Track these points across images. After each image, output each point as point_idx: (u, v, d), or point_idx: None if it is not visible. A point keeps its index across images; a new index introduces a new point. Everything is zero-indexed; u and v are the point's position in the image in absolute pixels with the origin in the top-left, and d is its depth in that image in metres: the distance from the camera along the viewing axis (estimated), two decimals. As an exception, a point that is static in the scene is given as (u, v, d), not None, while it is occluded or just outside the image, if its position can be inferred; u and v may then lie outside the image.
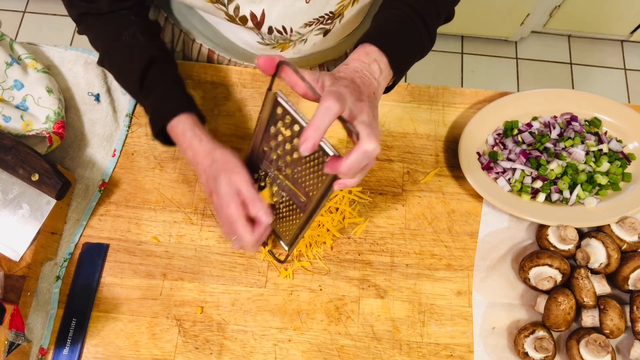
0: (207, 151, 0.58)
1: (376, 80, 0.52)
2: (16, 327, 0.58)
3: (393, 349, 0.63)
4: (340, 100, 0.44)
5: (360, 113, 0.47)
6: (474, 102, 0.77)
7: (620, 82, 1.84)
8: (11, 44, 0.71)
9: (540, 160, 0.69)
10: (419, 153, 0.73)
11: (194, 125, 0.60)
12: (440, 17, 0.60)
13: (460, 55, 1.85)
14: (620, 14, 1.70)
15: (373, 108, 0.49)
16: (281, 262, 0.65)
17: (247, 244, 0.55)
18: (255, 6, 0.63)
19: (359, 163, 0.45)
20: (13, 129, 0.66)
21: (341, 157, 0.45)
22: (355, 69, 0.51)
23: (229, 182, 0.55)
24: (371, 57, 0.53)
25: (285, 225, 0.60)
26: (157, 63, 0.64)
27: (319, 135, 0.43)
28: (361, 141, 0.44)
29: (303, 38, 0.70)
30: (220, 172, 0.56)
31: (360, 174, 0.48)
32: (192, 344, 0.62)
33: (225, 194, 0.55)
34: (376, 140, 0.45)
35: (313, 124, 0.43)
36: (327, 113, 0.43)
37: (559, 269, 0.62)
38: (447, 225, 0.69)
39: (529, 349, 0.60)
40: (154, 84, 0.63)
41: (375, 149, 0.45)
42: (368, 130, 0.45)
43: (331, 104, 0.43)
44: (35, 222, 0.62)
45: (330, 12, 0.66)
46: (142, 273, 0.65)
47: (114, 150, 0.71)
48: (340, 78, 0.49)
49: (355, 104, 0.47)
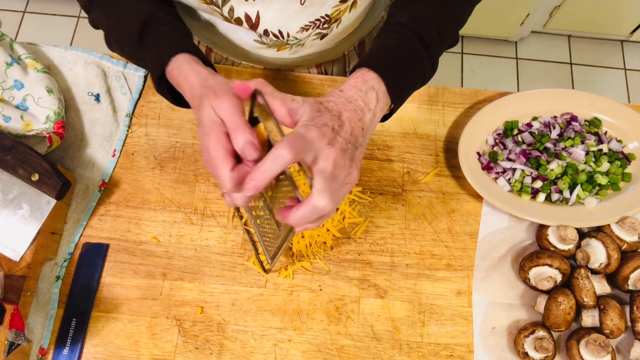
0: (202, 80, 0.50)
1: (371, 111, 0.49)
2: (16, 327, 0.58)
3: (393, 349, 0.63)
4: (296, 148, 0.41)
5: (325, 160, 0.44)
6: (474, 102, 0.77)
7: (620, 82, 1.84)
8: (11, 44, 0.71)
9: (540, 160, 0.69)
10: (419, 153, 0.73)
11: (190, 60, 0.53)
12: (444, 42, 0.57)
13: (460, 55, 1.85)
14: (620, 14, 1.70)
15: (346, 152, 0.46)
16: (266, 272, 0.65)
17: (226, 184, 0.46)
18: (249, 7, 0.62)
19: (308, 217, 0.43)
20: (13, 129, 0.66)
21: (296, 205, 0.43)
22: (349, 99, 0.48)
23: (211, 109, 0.46)
24: (369, 85, 0.50)
25: (269, 238, 0.59)
26: (154, 20, 0.59)
27: (264, 180, 0.41)
28: (312, 195, 0.42)
29: (300, 43, 0.70)
30: (203, 98, 0.47)
31: (318, 222, 0.46)
32: (192, 344, 0.62)
33: (205, 121, 0.46)
34: (328, 197, 0.42)
35: (259, 168, 0.41)
36: (276, 161, 0.41)
37: (559, 269, 0.62)
38: (447, 225, 0.69)
39: (529, 349, 0.60)
40: (151, 40, 0.58)
41: (326, 207, 0.42)
42: (323, 185, 0.43)
43: (282, 153, 0.41)
44: (35, 222, 0.62)
45: (326, 15, 0.65)
46: (142, 273, 0.65)
47: (114, 150, 0.71)
48: (325, 111, 0.46)
49: (323, 149, 0.44)
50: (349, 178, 0.46)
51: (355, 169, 0.47)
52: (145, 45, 0.58)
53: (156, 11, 0.60)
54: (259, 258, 0.65)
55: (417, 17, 0.54)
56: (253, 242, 0.66)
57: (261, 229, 0.61)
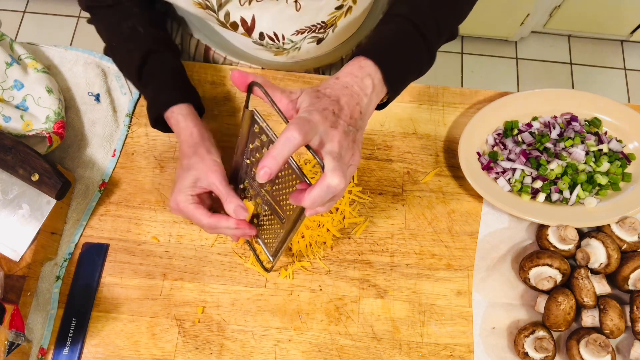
0: (193, 148, 0.60)
1: (367, 96, 0.50)
2: (16, 327, 0.58)
3: (393, 349, 0.63)
4: (304, 130, 0.42)
5: (331, 142, 0.45)
6: (474, 102, 0.77)
7: (620, 82, 1.84)
8: (11, 44, 0.71)
9: (540, 160, 0.69)
10: (419, 153, 0.73)
11: (187, 115, 0.61)
12: (442, 36, 0.57)
13: (460, 55, 1.85)
14: (620, 14, 1.70)
15: (349, 134, 0.47)
16: (267, 270, 0.65)
17: (234, 233, 0.58)
18: (245, 11, 0.63)
19: (323, 197, 0.43)
20: (13, 129, 0.66)
21: (307, 188, 0.44)
22: (345, 85, 0.49)
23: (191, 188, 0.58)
24: (365, 72, 0.50)
25: (270, 236, 0.60)
26: (156, 54, 0.64)
27: (276, 165, 0.42)
28: (325, 175, 0.43)
29: (296, 46, 0.70)
30: (191, 170, 0.58)
31: (329, 204, 0.47)
32: (192, 344, 0.62)
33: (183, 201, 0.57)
34: (341, 175, 0.43)
35: (271, 153, 0.42)
36: (287, 144, 0.42)
37: (559, 269, 0.62)
38: (447, 225, 0.69)
39: (529, 349, 0.60)
40: (151, 76, 0.64)
41: (339, 184, 0.43)
42: (334, 163, 0.43)
43: (292, 135, 0.41)
44: (35, 222, 0.62)
45: (322, 22, 0.65)
46: (142, 273, 0.65)
47: (114, 150, 0.71)
48: (324, 97, 0.47)
49: (328, 132, 0.45)
50: (353, 159, 0.47)
51: (357, 150, 0.48)
52: (144, 84, 0.64)
53: (156, 44, 0.65)
54: (259, 258, 0.65)
55: (417, 9, 0.54)
56: (249, 243, 0.66)
57: (260, 226, 0.61)
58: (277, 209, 0.54)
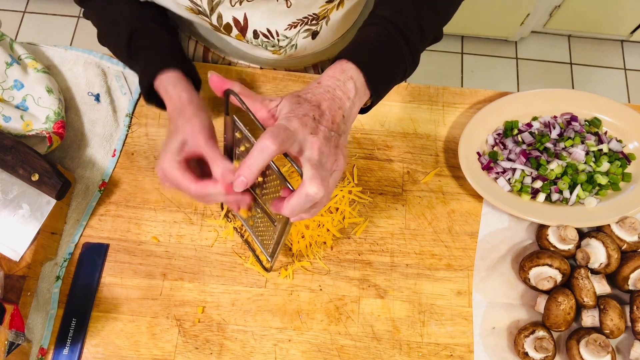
0: (180, 109, 0.55)
1: (350, 100, 0.49)
2: (16, 327, 0.58)
3: (393, 349, 0.63)
4: (280, 138, 0.41)
5: (310, 149, 0.44)
6: (474, 102, 0.77)
7: (620, 82, 1.84)
8: (11, 44, 0.71)
9: (540, 160, 0.69)
10: (419, 153, 0.73)
11: (177, 83, 0.57)
12: (426, 38, 0.56)
13: (460, 55, 1.85)
14: (620, 14, 1.70)
15: (330, 139, 0.46)
16: (267, 270, 0.65)
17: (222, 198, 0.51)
18: (236, 11, 0.62)
19: (302, 206, 0.43)
20: (13, 129, 0.66)
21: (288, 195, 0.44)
22: (327, 89, 0.48)
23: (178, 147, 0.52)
24: (347, 75, 0.49)
25: (266, 237, 0.59)
26: (143, 30, 0.63)
27: (252, 175, 0.41)
28: (303, 183, 0.42)
29: (292, 43, 0.70)
30: (178, 131, 0.53)
31: (313, 211, 0.46)
32: (192, 344, 0.62)
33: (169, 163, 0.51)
34: (319, 183, 0.42)
35: (245, 163, 0.41)
36: (261, 153, 0.41)
37: (559, 269, 0.62)
38: (447, 225, 0.69)
39: (529, 349, 0.60)
40: (139, 48, 0.62)
41: (317, 193, 0.42)
42: (312, 172, 0.43)
43: (265, 144, 0.41)
44: (35, 222, 0.62)
45: (313, 14, 0.65)
46: (142, 273, 0.65)
47: (114, 150, 0.71)
48: (304, 102, 0.46)
49: (307, 138, 0.44)
50: (336, 165, 0.46)
51: (341, 155, 0.47)
52: (133, 60, 0.63)
53: (143, 22, 0.63)
54: (258, 258, 0.65)
55: (400, 11, 0.54)
56: (248, 243, 0.66)
57: (256, 228, 0.61)
58: (268, 211, 0.54)
